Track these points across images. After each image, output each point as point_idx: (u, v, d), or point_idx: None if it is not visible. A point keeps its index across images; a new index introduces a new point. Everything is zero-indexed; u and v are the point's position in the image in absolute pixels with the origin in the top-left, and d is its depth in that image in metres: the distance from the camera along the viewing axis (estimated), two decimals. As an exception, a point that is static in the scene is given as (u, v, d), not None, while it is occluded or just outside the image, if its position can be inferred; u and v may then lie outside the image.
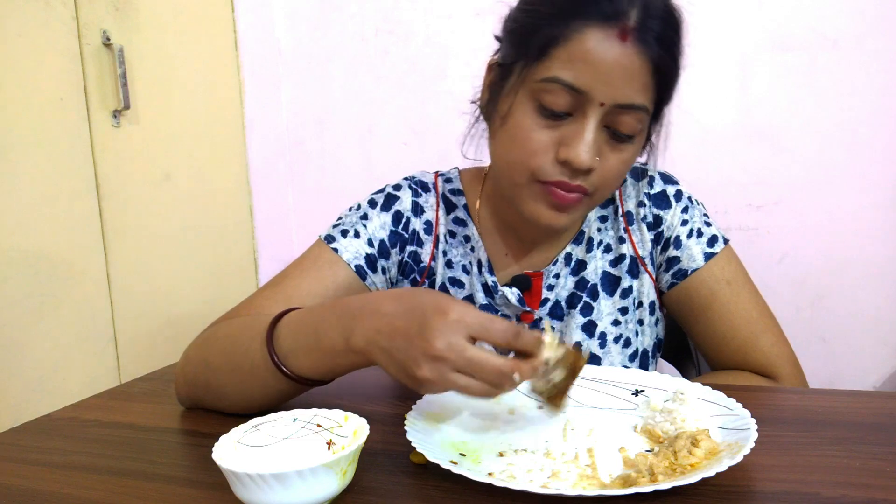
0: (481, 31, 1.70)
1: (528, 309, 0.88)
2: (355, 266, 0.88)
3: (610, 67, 0.70)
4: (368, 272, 0.89)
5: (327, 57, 1.86)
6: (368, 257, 0.89)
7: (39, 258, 1.37)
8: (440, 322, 0.56)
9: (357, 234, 0.90)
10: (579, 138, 0.72)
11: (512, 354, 0.59)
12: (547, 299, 0.88)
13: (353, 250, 0.88)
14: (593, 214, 0.91)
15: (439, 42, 1.75)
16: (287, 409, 0.62)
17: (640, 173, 0.90)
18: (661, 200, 0.89)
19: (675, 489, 0.51)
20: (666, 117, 0.82)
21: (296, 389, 0.70)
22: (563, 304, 0.89)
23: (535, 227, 0.83)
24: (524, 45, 0.75)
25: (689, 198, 0.90)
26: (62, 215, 1.41)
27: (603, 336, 0.88)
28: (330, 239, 0.90)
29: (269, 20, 1.88)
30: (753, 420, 0.59)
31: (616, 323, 0.89)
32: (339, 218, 0.94)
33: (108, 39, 1.48)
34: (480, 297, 0.89)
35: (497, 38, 0.81)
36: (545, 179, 0.75)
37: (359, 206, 0.94)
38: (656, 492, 0.50)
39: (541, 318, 0.89)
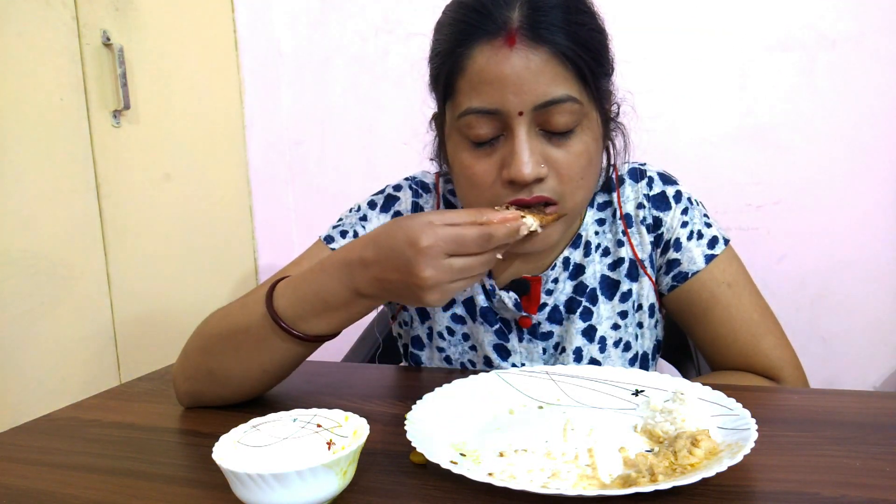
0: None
1: (526, 314, 0.87)
2: None
3: (510, 77, 0.69)
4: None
5: (327, 57, 1.86)
6: None
7: (39, 258, 1.37)
8: (417, 256, 0.62)
9: (356, 235, 0.90)
10: (514, 155, 0.71)
11: None
12: (545, 304, 0.88)
13: None
14: (590, 218, 0.89)
15: (439, 42, 1.75)
16: (287, 409, 0.62)
17: (638, 174, 0.89)
18: (661, 202, 0.87)
19: (675, 489, 0.51)
20: (616, 90, 0.80)
21: (309, 349, 0.75)
22: (562, 308, 0.88)
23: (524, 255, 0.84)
24: (439, 89, 0.78)
25: (689, 198, 0.88)
26: (62, 215, 1.41)
27: (603, 340, 0.88)
28: (329, 239, 0.90)
29: (269, 20, 1.88)
30: (753, 420, 0.59)
31: (616, 327, 0.88)
32: (340, 219, 0.94)
33: (108, 39, 1.48)
34: (481, 300, 0.89)
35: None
36: (505, 202, 0.74)
37: (359, 208, 0.94)
38: (656, 492, 0.50)
39: (539, 323, 0.89)
